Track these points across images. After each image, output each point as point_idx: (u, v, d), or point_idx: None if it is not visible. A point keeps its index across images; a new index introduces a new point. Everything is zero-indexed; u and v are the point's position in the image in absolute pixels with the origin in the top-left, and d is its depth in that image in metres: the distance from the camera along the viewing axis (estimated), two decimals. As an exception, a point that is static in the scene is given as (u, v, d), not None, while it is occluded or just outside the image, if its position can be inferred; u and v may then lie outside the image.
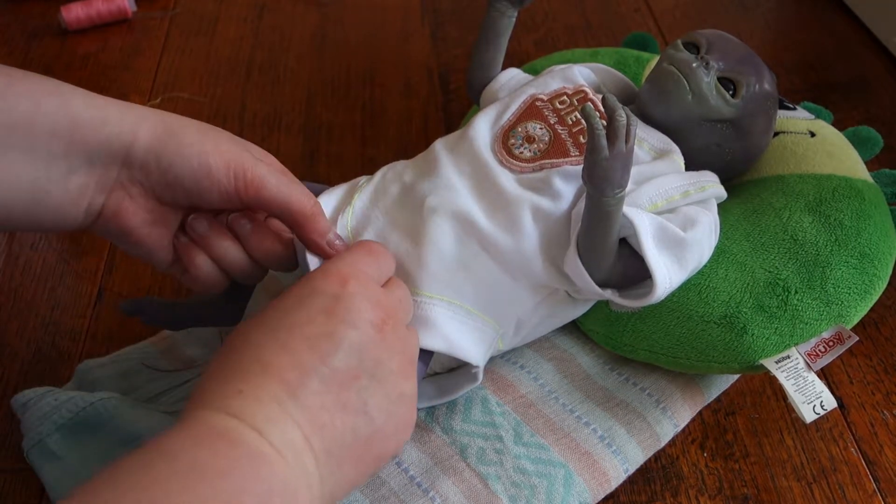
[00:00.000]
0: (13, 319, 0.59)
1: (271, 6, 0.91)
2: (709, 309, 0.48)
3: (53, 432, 0.48)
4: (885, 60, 0.80)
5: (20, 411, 0.50)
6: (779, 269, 0.49)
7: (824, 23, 0.86)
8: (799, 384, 0.46)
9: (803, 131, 0.57)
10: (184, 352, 0.56)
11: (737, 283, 0.49)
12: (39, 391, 0.51)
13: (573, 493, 0.46)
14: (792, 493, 0.49)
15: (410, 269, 0.46)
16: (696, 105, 0.49)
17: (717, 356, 0.48)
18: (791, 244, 0.50)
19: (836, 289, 0.49)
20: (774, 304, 0.48)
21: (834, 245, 0.50)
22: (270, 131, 0.75)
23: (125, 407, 0.50)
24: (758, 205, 0.53)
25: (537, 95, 0.52)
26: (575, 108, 0.50)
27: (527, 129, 0.50)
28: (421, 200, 0.48)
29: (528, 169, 0.49)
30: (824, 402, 0.46)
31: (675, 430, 0.50)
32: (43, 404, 0.50)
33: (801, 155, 0.55)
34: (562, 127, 0.50)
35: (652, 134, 0.50)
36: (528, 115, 0.51)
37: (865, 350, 0.56)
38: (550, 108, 0.51)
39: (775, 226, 0.51)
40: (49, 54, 0.84)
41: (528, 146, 0.49)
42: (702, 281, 0.49)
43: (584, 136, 0.48)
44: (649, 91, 0.51)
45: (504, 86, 0.56)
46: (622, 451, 0.48)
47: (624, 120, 0.42)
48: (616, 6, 0.90)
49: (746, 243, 0.50)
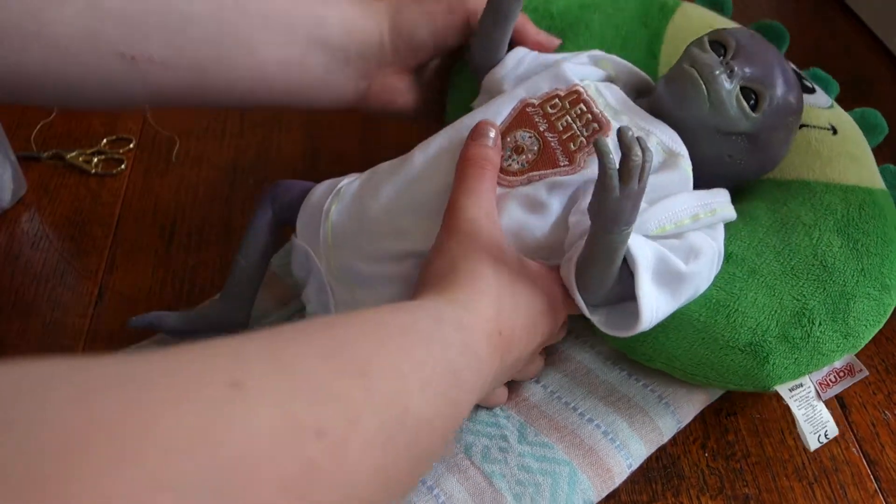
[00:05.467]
0: (14, 319, 0.59)
1: None
2: (735, 335, 0.47)
3: None
4: (885, 60, 0.81)
5: None
6: (807, 297, 0.48)
7: (824, 23, 0.86)
8: (808, 414, 0.47)
9: (825, 126, 0.54)
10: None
11: (765, 309, 0.47)
12: None
13: (577, 491, 0.46)
14: (793, 492, 0.49)
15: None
16: (712, 116, 0.46)
17: (734, 379, 0.48)
18: (820, 271, 0.48)
19: (856, 321, 0.48)
20: (798, 335, 0.47)
21: (860, 276, 0.49)
22: (271, 130, 0.75)
23: None
24: (786, 216, 0.51)
25: (528, 100, 0.49)
26: (566, 112, 0.48)
27: (515, 138, 0.48)
28: (400, 218, 0.48)
29: (517, 182, 0.47)
30: (828, 431, 0.47)
31: (677, 425, 0.50)
32: None
33: (827, 157, 0.53)
34: (551, 134, 0.48)
35: (664, 130, 0.47)
36: (518, 124, 0.49)
37: (866, 350, 0.56)
38: (541, 114, 0.49)
39: (805, 247, 0.49)
40: (49, 54, 0.84)
41: (517, 157, 0.48)
42: (731, 304, 0.47)
43: (573, 144, 0.47)
44: (665, 92, 0.48)
45: (509, 73, 0.53)
46: (625, 446, 0.48)
47: (640, 159, 0.38)
48: (616, 6, 0.90)
49: (777, 264, 0.49)
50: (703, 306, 0.47)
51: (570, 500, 0.46)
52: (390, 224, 0.48)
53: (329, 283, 0.49)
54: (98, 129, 0.75)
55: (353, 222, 0.49)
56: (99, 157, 0.72)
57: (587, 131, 0.47)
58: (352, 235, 0.49)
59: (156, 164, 0.71)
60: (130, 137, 0.74)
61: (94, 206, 0.68)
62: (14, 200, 0.67)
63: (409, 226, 0.47)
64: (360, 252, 0.48)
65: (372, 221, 0.48)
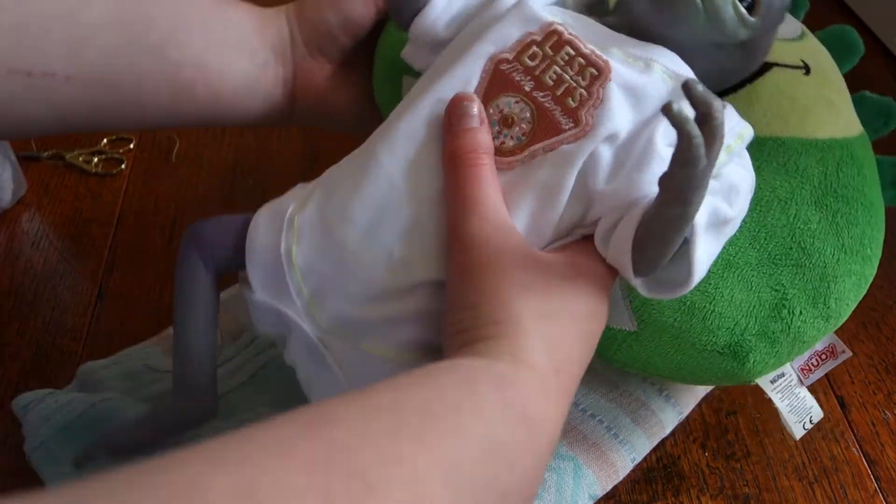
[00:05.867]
0: (14, 319, 0.59)
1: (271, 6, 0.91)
2: (713, 338, 0.44)
3: (56, 434, 0.48)
4: (885, 60, 0.81)
5: (21, 413, 0.50)
6: (786, 287, 0.45)
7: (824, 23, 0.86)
8: (792, 403, 0.46)
9: (797, 63, 0.49)
10: None
11: (743, 306, 0.44)
12: (40, 393, 0.50)
13: (583, 486, 0.46)
14: (793, 492, 0.49)
15: None
16: (708, 29, 0.39)
17: (714, 379, 0.46)
18: (799, 254, 0.45)
19: (837, 303, 0.46)
20: (778, 329, 0.44)
21: (840, 253, 0.46)
22: (270, 130, 0.75)
23: (128, 408, 0.50)
24: (761, 189, 0.46)
25: (499, 55, 0.39)
26: (552, 61, 0.39)
27: (500, 108, 0.39)
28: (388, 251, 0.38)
29: (517, 163, 0.38)
30: (813, 416, 0.46)
31: (679, 417, 0.50)
32: (44, 406, 0.49)
33: (802, 107, 0.48)
34: (542, 93, 0.38)
35: (664, 55, 0.39)
36: (498, 88, 0.39)
37: (866, 350, 0.56)
38: (521, 70, 0.39)
39: (783, 227, 0.46)
40: (49, 54, 0.84)
41: (509, 132, 0.38)
42: (707, 305, 0.44)
43: (573, 99, 0.38)
44: (651, 7, 0.39)
45: (441, 16, 0.43)
46: (629, 440, 0.49)
47: (721, 115, 0.31)
48: (616, 6, 0.90)
49: (753, 252, 0.45)
50: (677, 311, 0.44)
51: (575, 495, 0.46)
52: (378, 255, 0.38)
53: (321, 339, 0.40)
54: (98, 129, 0.75)
55: (327, 264, 0.39)
56: (99, 157, 0.71)
57: (584, 80, 0.38)
58: (333, 280, 0.39)
59: (156, 164, 0.71)
60: (130, 137, 0.73)
61: (94, 206, 0.68)
62: (14, 200, 0.67)
63: (403, 252, 0.38)
64: (351, 297, 0.39)
65: (352, 256, 0.38)
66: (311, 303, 0.39)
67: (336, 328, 0.39)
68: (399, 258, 0.38)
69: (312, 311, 0.39)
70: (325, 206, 0.39)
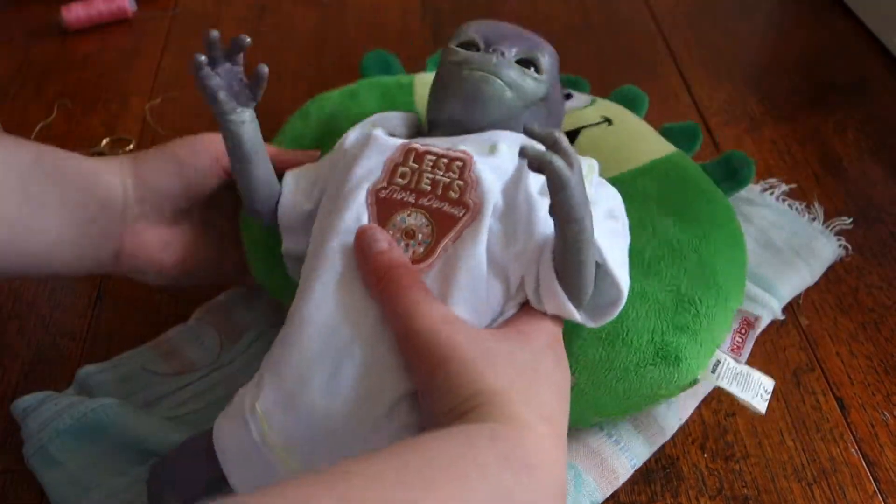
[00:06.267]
0: (13, 320, 0.59)
1: (271, 6, 0.91)
2: (640, 354, 0.46)
3: (55, 438, 0.48)
4: (885, 60, 0.80)
5: (20, 416, 0.50)
6: (676, 284, 0.48)
7: (824, 23, 0.86)
8: (741, 382, 0.47)
9: (598, 120, 0.58)
10: (184, 356, 0.55)
11: (650, 314, 0.47)
12: (39, 396, 0.50)
13: (584, 493, 0.47)
14: (792, 493, 0.49)
15: None
16: (516, 97, 0.46)
17: (662, 392, 0.47)
18: (672, 254, 0.49)
19: (725, 278, 0.49)
20: (689, 318, 0.47)
21: (703, 240, 0.50)
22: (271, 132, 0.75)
23: (126, 412, 0.50)
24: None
25: (375, 187, 0.43)
26: (421, 171, 0.44)
27: (397, 226, 0.42)
28: (354, 388, 0.40)
29: (436, 264, 0.42)
30: (765, 386, 0.47)
31: (679, 423, 0.51)
32: (43, 410, 0.50)
33: (615, 148, 0.55)
34: (426, 199, 0.43)
35: (502, 136, 0.45)
36: (387, 213, 0.43)
37: (866, 351, 0.56)
38: (399, 189, 0.43)
39: (649, 239, 0.50)
40: (49, 54, 0.84)
41: (415, 241, 0.42)
42: (620, 327, 0.46)
43: (453, 192, 0.43)
44: (463, 102, 0.45)
45: (296, 194, 0.47)
46: (629, 447, 0.49)
47: (565, 139, 0.37)
48: (616, 6, 0.90)
49: (635, 270, 0.47)
50: (599, 345, 0.46)
51: (576, 502, 0.46)
52: (347, 399, 0.40)
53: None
54: (98, 129, 0.75)
55: (305, 432, 0.40)
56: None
57: (454, 173, 0.43)
58: (317, 444, 0.40)
59: (155, 164, 0.71)
60: (130, 138, 0.74)
61: (94, 207, 0.68)
62: (14, 201, 0.67)
63: (369, 383, 0.40)
64: (342, 448, 0.40)
65: (324, 413, 0.40)
66: (300, 466, 0.40)
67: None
68: (367, 391, 0.40)
69: (301, 469, 0.41)
70: (280, 382, 0.41)
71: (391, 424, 0.40)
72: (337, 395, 0.40)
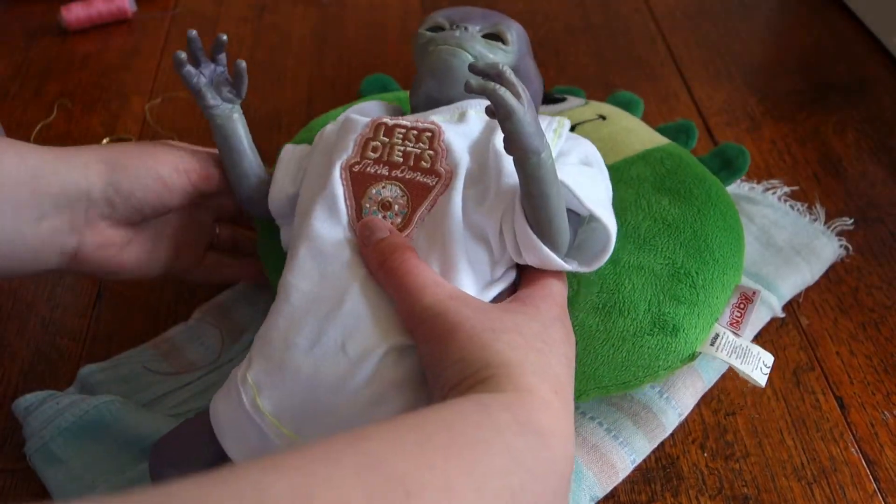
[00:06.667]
0: (13, 319, 0.59)
1: (271, 6, 0.91)
2: (636, 323, 0.47)
3: (56, 436, 0.48)
4: (885, 60, 0.81)
5: (22, 415, 0.50)
6: (672, 257, 0.50)
7: (824, 23, 0.86)
8: (740, 356, 0.47)
9: (594, 117, 0.60)
10: (185, 355, 0.56)
11: (646, 286, 0.48)
12: (41, 395, 0.51)
13: (584, 487, 0.47)
14: (792, 493, 0.49)
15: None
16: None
17: (661, 364, 0.47)
18: (668, 229, 0.51)
19: (721, 254, 0.50)
20: (687, 292, 0.48)
21: (697, 216, 0.51)
22: (270, 131, 0.75)
23: (128, 410, 0.50)
24: (614, 203, 0.51)
25: (347, 163, 0.45)
26: (391, 144, 0.45)
27: (372, 198, 0.44)
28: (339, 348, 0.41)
29: (412, 233, 0.43)
30: (765, 360, 0.48)
31: (679, 418, 0.51)
32: (45, 408, 0.50)
33: (610, 140, 0.57)
34: (398, 170, 0.44)
35: (470, 103, 0.47)
36: (362, 186, 0.44)
37: (866, 350, 0.56)
38: (371, 163, 0.45)
39: (644, 217, 0.52)
40: (49, 54, 0.84)
41: (391, 212, 0.44)
42: (616, 298, 0.48)
43: (425, 161, 0.44)
44: (433, 78, 0.47)
45: (281, 181, 0.49)
46: (629, 442, 0.49)
47: (508, 70, 0.39)
48: (616, 7, 0.90)
49: (631, 244, 0.50)
50: (594, 316, 0.47)
51: (576, 497, 0.47)
52: (331, 358, 0.41)
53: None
54: (98, 129, 0.75)
55: (296, 396, 0.41)
56: (99, 158, 0.71)
57: (424, 143, 0.45)
58: (305, 403, 0.41)
59: (155, 164, 0.71)
60: (130, 137, 0.74)
61: (94, 207, 0.68)
62: (14, 201, 0.67)
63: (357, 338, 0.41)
64: (330, 407, 0.41)
65: (310, 375, 0.41)
66: (293, 437, 0.41)
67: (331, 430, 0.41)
68: (349, 351, 0.41)
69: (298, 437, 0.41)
70: (268, 350, 0.42)
71: (374, 384, 0.40)
72: (321, 357, 0.41)
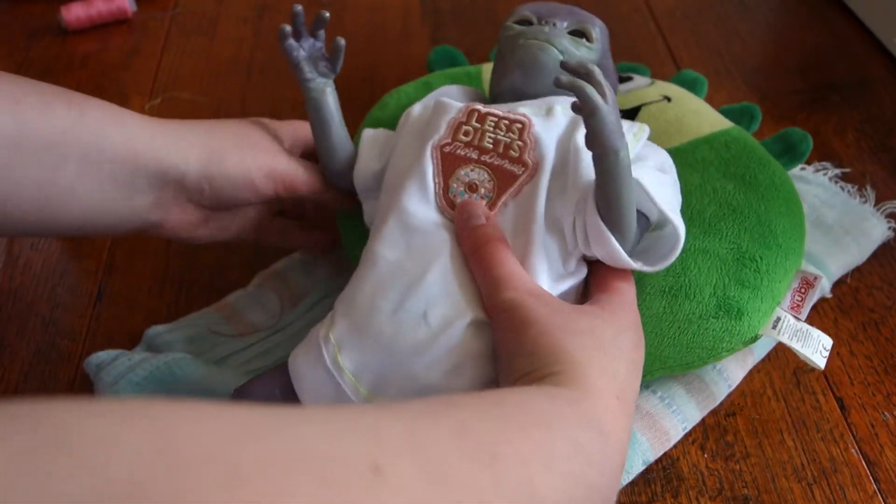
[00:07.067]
0: (13, 319, 0.59)
1: (271, 6, 0.91)
2: (702, 306, 0.49)
3: (129, 390, 0.50)
4: (885, 60, 0.80)
5: (94, 372, 0.52)
6: (737, 242, 0.51)
7: (824, 23, 0.86)
8: (800, 339, 0.48)
9: (659, 98, 0.61)
10: (247, 318, 0.58)
11: (712, 270, 0.50)
12: (112, 353, 0.53)
13: (637, 452, 0.49)
14: (792, 493, 0.49)
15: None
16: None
17: (724, 346, 0.48)
18: (732, 214, 0.52)
19: (784, 236, 0.51)
20: (750, 274, 0.50)
21: (762, 201, 0.53)
22: (270, 131, 0.75)
23: (197, 366, 0.52)
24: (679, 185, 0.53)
25: (439, 143, 0.47)
26: (482, 130, 0.47)
27: (460, 179, 0.46)
28: (420, 316, 0.43)
29: (495, 215, 0.45)
30: (824, 343, 0.49)
31: (728, 389, 0.53)
32: (117, 364, 0.52)
33: (676, 122, 0.58)
34: (488, 156, 0.46)
35: (557, 100, 0.48)
36: (451, 167, 0.46)
37: (866, 351, 0.56)
38: (462, 146, 0.47)
39: (709, 202, 0.53)
40: (49, 54, 0.84)
41: (477, 195, 0.46)
42: (682, 281, 0.49)
43: (513, 150, 0.46)
44: (521, 70, 0.49)
45: (368, 157, 0.52)
46: (682, 410, 0.51)
47: (598, 70, 0.41)
48: (616, 7, 0.90)
49: (696, 229, 0.52)
50: (660, 299, 0.49)
51: (630, 459, 0.49)
52: (412, 325, 0.43)
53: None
54: (98, 129, 0.75)
55: (375, 359, 0.44)
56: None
57: (514, 133, 0.46)
58: (386, 371, 0.43)
59: (155, 164, 0.71)
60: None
61: (94, 207, 0.68)
62: (14, 201, 0.67)
63: (438, 309, 0.43)
64: (408, 371, 0.43)
65: (391, 339, 0.43)
66: (369, 397, 0.43)
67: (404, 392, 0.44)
68: (431, 320, 0.43)
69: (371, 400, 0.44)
70: (352, 312, 0.45)
71: (453, 354, 0.43)
72: (403, 322, 0.43)
